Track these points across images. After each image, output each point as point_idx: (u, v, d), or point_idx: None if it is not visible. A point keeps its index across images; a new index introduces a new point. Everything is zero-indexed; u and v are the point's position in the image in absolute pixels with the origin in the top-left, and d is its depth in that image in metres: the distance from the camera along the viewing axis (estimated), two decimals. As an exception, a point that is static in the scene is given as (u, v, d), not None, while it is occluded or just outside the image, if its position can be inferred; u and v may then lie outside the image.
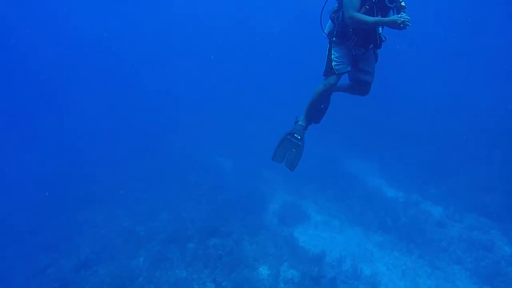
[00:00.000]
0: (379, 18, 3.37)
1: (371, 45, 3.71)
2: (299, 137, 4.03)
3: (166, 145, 16.62)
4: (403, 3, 3.42)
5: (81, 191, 12.15)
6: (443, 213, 10.69)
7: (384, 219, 10.59)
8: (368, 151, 14.54)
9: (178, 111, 20.73)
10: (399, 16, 3.23)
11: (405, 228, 10.07)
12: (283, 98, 19.49)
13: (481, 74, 16.78)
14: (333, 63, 3.77)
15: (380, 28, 3.45)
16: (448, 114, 15.02)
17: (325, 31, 3.98)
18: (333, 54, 3.80)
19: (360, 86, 4.06)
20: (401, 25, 3.20)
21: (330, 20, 3.94)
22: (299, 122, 4.12)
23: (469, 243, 9.27)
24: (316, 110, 4.23)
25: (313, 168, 12.70)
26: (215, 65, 25.69)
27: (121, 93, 23.35)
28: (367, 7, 3.41)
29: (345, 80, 4.17)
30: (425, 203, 11.33)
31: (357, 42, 3.70)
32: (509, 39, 20.41)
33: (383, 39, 3.59)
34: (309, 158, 4.04)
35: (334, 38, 3.81)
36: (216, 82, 23.83)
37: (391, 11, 3.54)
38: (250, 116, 19.08)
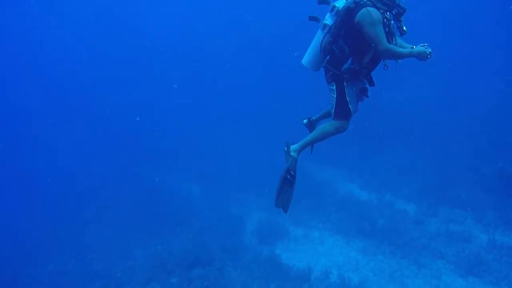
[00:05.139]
0: (410, 50, 3.22)
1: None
2: (293, 173, 3.58)
3: (131, 177, 15.74)
4: (405, 28, 3.31)
5: (46, 237, 11.15)
6: (417, 210, 10.80)
7: (362, 223, 10.50)
8: (335, 156, 14.59)
9: (140, 141, 19.85)
10: (425, 46, 3.22)
11: (384, 230, 10.02)
12: (245, 118, 19.38)
13: (441, 69, 17.50)
14: (350, 106, 3.40)
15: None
16: (409, 112, 15.47)
17: (333, 69, 3.42)
18: (348, 94, 3.39)
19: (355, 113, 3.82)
20: (429, 57, 3.20)
21: (329, 55, 3.44)
22: (293, 154, 3.61)
23: (448, 236, 9.37)
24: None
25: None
26: (177, 94, 25.00)
27: (81, 125, 21.98)
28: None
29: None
30: (399, 202, 11.41)
31: (367, 76, 3.43)
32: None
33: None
34: (276, 171, 3.76)
35: (345, 75, 3.36)
36: (176, 109, 23.16)
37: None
38: (212, 139, 18.65)
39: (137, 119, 21.64)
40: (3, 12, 26.80)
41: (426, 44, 3.25)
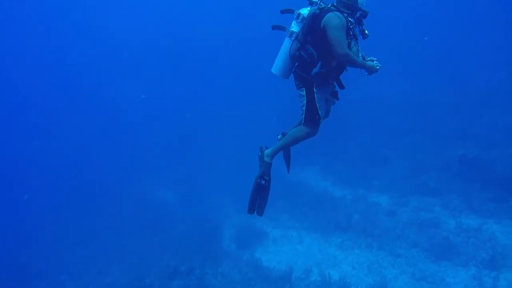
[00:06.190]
0: (363, 61, 3.32)
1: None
2: (267, 178, 3.65)
3: (103, 191, 15.22)
4: (367, 31, 3.39)
5: (14, 267, 10.58)
6: (390, 201, 11.16)
7: (338, 219, 10.72)
8: (306, 156, 14.79)
9: (111, 153, 19.24)
10: (376, 62, 3.35)
11: (360, 224, 10.28)
12: (218, 122, 19.29)
13: (405, 64, 18.09)
14: (320, 111, 3.45)
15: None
16: (375, 107, 15.92)
17: (303, 74, 3.45)
18: (317, 100, 3.44)
19: (326, 115, 3.83)
20: (376, 72, 3.34)
21: (298, 62, 3.47)
22: (266, 160, 3.68)
23: (419, 225, 9.72)
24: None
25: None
26: (146, 103, 24.43)
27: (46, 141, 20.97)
28: (348, 40, 3.27)
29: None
30: (372, 195, 11.74)
31: (336, 79, 3.50)
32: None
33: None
34: (251, 174, 3.80)
35: (315, 80, 3.41)
36: (145, 119, 22.64)
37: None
38: (184, 145, 18.42)
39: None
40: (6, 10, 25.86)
41: (375, 59, 3.39)
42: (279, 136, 3.98)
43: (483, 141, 12.01)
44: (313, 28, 3.27)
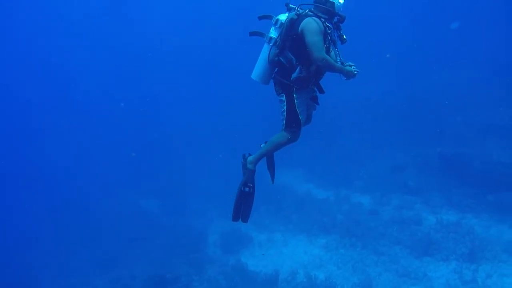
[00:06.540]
0: (341, 66, 3.34)
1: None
2: (251, 185, 3.65)
3: (84, 200, 14.86)
4: (345, 36, 3.42)
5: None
6: (371, 201, 11.34)
7: (322, 221, 10.81)
8: (289, 159, 14.87)
9: (92, 162, 18.82)
10: (354, 68, 3.36)
11: (344, 224, 10.39)
12: (200, 128, 19.20)
13: (383, 64, 18.42)
14: (300, 117, 3.45)
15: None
16: (353, 108, 16.18)
17: (282, 79, 3.45)
18: (297, 105, 3.43)
19: (309, 121, 3.86)
20: (354, 77, 3.38)
21: (278, 67, 3.48)
22: (249, 167, 3.67)
23: (401, 222, 9.91)
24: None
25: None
26: (124, 112, 24.08)
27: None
28: (326, 45, 3.28)
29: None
30: (354, 196, 11.90)
31: (316, 84, 3.52)
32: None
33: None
34: (234, 178, 3.81)
35: (295, 85, 3.39)
36: (125, 126, 22.30)
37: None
38: (165, 152, 18.23)
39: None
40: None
41: (353, 64, 3.42)
42: (262, 145, 4.00)
43: (460, 139, 12.36)
44: (291, 33, 3.28)
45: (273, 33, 3.43)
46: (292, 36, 3.29)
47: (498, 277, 7.58)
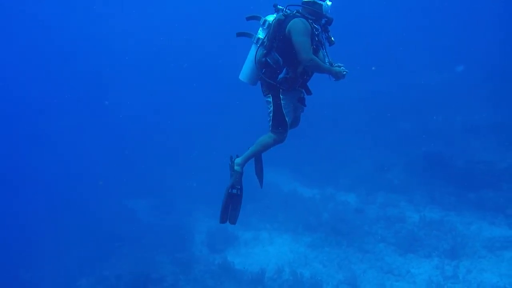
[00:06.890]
0: (329, 66, 3.36)
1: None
2: (239, 187, 3.65)
3: (68, 202, 14.62)
4: (333, 38, 3.43)
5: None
6: (357, 199, 11.46)
7: (308, 219, 10.87)
8: (275, 157, 14.89)
9: (76, 162, 18.50)
10: (343, 68, 3.37)
11: (329, 223, 10.47)
12: (184, 127, 19.09)
13: (368, 64, 18.60)
14: (287, 118, 3.46)
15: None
16: (339, 107, 16.27)
17: (269, 80, 3.43)
18: (284, 106, 3.44)
19: (296, 123, 3.89)
20: (343, 78, 3.39)
21: (265, 68, 3.43)
22: (236, 169, 3.66)
23: (386, 220, 10.04)
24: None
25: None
26: (109, 110, 23.75)
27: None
28: (314, 47, 3.29)
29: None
30: (340, 194, 12.01)
31: (303, 85, 3.52)
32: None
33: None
34: (221, 177, 3.80)
35: (281, 86, 3.41)
36: (110, 125, 22.00)
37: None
38: (150, 151, 18.07)
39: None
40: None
41: (342, 65, 3.45)
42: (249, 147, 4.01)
43: (444, 138, 12.59)
44: (279, 34, 3.29)
45: (261, 34, 3.44)
46: (279, 36, 3.29)
47: (478, 272, 7.77)
